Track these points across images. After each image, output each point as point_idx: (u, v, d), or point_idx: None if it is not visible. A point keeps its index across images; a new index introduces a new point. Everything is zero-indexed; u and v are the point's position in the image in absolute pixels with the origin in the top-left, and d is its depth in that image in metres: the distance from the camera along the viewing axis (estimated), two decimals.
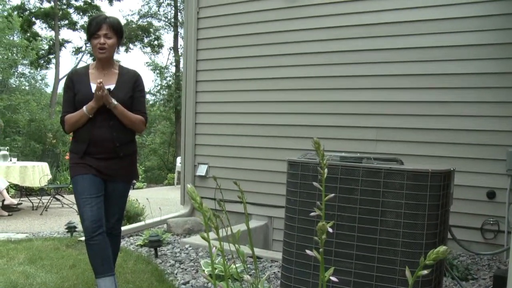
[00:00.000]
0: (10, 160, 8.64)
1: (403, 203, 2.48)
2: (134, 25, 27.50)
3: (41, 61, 29.16)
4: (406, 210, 2.47)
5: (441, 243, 2.55)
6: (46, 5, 27.35)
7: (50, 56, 29.26)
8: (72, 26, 28.69)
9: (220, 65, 6.29)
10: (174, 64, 26.77)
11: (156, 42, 28.83)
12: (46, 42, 29.72)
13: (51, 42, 28.83)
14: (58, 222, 7.33)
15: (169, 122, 27.06)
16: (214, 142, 6.34)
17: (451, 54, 4.84)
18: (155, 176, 22.67)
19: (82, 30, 28.30)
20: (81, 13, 28.31)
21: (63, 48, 29.21)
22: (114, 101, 3.14)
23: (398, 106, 5.10)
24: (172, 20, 27.82)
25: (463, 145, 4.79)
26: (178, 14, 26.87)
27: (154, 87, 26.37)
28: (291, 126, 5.71)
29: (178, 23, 26.52)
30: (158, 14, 28.46)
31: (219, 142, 6.29)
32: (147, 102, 23.09)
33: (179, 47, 25.94)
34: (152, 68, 27.17)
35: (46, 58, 29.70)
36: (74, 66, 28.53)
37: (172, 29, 27.95)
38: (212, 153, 6.36)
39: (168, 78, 26.42)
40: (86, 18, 28.02)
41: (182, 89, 6.90)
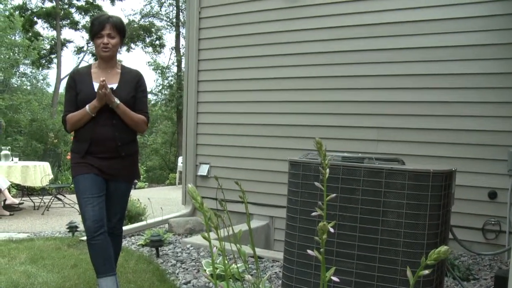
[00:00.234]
0: (12, 159, 8.65)
1: (405, 203, 2.48)
2: (136, 24, 27.52)
3: (42, 60, 29.19)
4: (408, 210, 2.47)
5: (442, 243, 2.55)
6: (48, 4, 27.36)
7: (52, 55, 29.28)
8: (74, 25, 28.69)
9: (221, 65, 6.29)
10: (176, 64, 26.76)
11: (157, 42, 28.87)
12: (47, 41, 29.77)
13: (53, 41, 28.85)
14: (59, 221, 7.34)
15: (170, 122, 27.06)
16: (216, 142, 6.34)
17: (454, 54, 4.83)
18: (157, 176, 22.68)
19: (84, 29, 28.32)
20: (83, 12, 28.32)
21: (65, 47, 29.23)
22: (117, 100, 3.14)
23: (400, 106, 5.10)
24: (174, 20, 27.84)
25: (465, 145, 4.78)
26: (180, 14, 26.87)
27: (155, 87, 26.42)
28: (293, 126, 5.71)
29: (180, 23, 26.51)
30: (160, 14, 28.53)
31: (221, 142, 6.29)
32: (149, 101, 23.09)
33: (181, 47, 25.95)
34: (154, 68, 27.21)
35: (48, 58, 29.73)
36: (75, 66, 28.55)
37: (174, 29, 27.97)
38: (213, 153, 6.36)
39: (170, 78, 26.45)
40: (88, 18, 28.04)
41: (183, 89, 6.90)
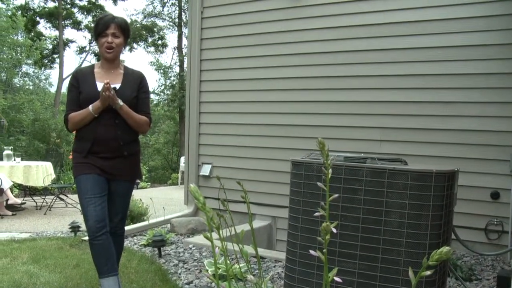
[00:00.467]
0: (14, 159, 8.66)
1: (407, 204, 2.47)
2: (139, 24, 27.53)
3: (45, 60, 29.25)
4: (410, 211, 2.47)
5: (445, 244, 2.54)
6: (50, 4, 27.44)
7: (54, 55, 29.32)
8: (76, 25, 28.74)
9: (224, 65, 6.29)
10: (178, 64, 26.80)
11: (160, 42, 28.88)
12: (50, 41, 29.83)
13: (55, 41, 28.89)
14: (61, 221, 7.35)
15: (173, 121, 27.09)
16: (218, 142, 6.34)
17: (457, 54, 4.82)
18: (159, 176, 22.71)
19: (86, 29, 28.38)
20: (85, 12, 28.36)
21: (67, 47, 29.27)
22: (120, 101, 3.15)
23: (403, 106, 5.09)
24: (176, 20, 27.87)
25: (468, 145, 4.78)
26: (182, 14, 26.90)
27: (158, 87, 26.48)
28: (295, 126, 5.70)
29: (182, 23, 26.54)
30: (162, 14, 28.52)
31: (223, 142, 6.29)
32: (151, 101, 23.13)
33: (183, 47, 25.97)
34: (156, 67, 27.25)
35: (50, 58, 29.77)
36: (78, 66, 28.59)
37: (176, 28, 28.00)
38: (216, 153, 6.36)
39: (172, 78, 26.49)
40: (90, 18, 28.10)
41: (186, 88, 6.90)
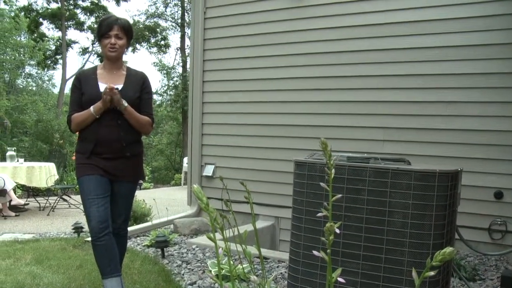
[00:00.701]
0: (17, 160, 8.67)
1: (411, 204, 2.47)
2: (141, 25, 27.56)
3: (48, 61, 29.33)
4: (414, 211, 2.46)
5: (448, 244, 2.54)
6: (53, 5, 27.49)
7: (57, 56, 29.40)
8: (79, 26, 28.82)
9: (227, 65, 6.29)
10: (181, 64, 26.82)
11: (163, 43, 28.92)
12: (53, 42, 29.89)
13: (58, 42, 28.97)
14: (65, 222, 7.35)
15: (176, 122, 27.12)
16: (221, 142, 6.33)
17: (459, 54, 4.81)
18: (162, 176, 22.75)
19: (89, 30, 28.46)
20: (88, 13, 28.44)
21: (70, 48, 29.41)
22: (125, 102, 3.15)
23: (406, 106, 5.08)
24: (179, 20, 27.89)
25: (471, 145, 4.77)
26: (185, 14, 26.92)
27: (161, 88, 26.45)
28: (298, 127, 5.70)
29: (185, 23, 26.56)
30: (165, 15, 28.55)
31: (226, 142, 6.28)
32: (154, 102, 23.16)
33: (186, 48, 26.00)
34: (159, 68, 27.25)
35: (53, 59, 29.86)
36: (81, 67, 28.67)
37: (179, 29, 28.01)
38: (219, 153, 6.36)
39: (175, 79, 26.48)
40: (93, 19, 28.18)
41: (189, 89, 6.90)
